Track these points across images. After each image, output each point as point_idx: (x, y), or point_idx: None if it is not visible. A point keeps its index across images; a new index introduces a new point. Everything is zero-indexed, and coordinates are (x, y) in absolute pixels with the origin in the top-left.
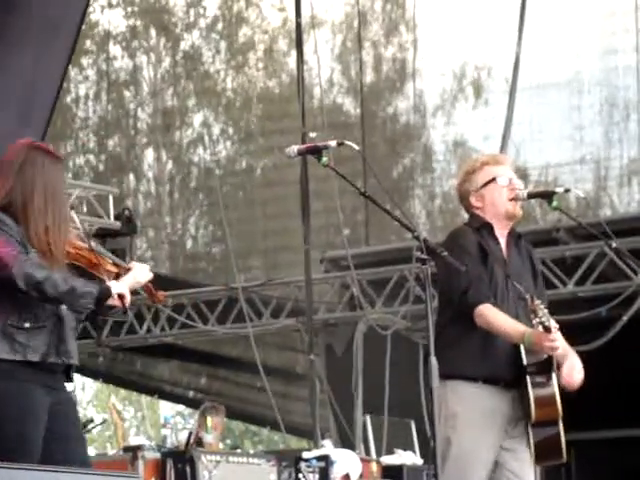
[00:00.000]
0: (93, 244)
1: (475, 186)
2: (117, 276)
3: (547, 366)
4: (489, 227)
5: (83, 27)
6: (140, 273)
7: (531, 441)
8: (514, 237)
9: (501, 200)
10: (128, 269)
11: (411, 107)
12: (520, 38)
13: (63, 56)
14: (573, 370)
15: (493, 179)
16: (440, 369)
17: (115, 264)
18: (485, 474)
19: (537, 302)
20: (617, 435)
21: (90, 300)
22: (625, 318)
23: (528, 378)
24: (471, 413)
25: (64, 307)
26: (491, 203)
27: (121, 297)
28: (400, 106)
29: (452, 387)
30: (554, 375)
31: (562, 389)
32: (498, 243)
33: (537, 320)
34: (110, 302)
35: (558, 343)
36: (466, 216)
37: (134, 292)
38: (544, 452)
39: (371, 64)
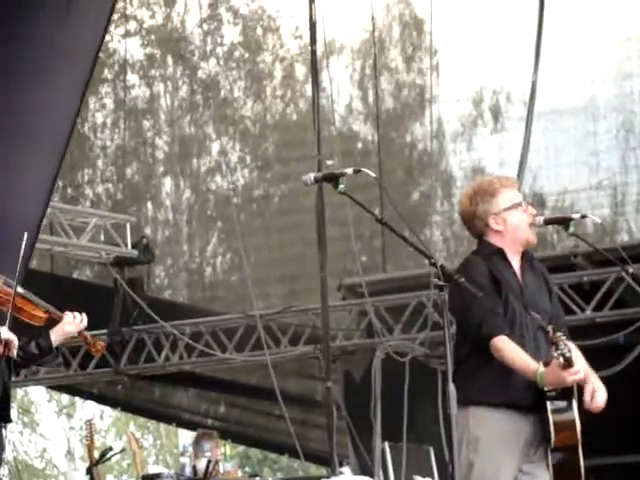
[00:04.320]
0: (21, 290)
1: (497, 208)
2: (47, 321)
3: (567, 391)
4: (501, 253)
5: (101, 55)
6: (69, 322)
7: (550, 466)
8: (528, 259)
9: (523, 226)
10: (60, 316)
11: (429, 133)
12: (537, 65)
13: (79, 86)
14: (596, 392)
15: (519, 203)
16: (461, 396)
17: (46, 311)
18: None
19: (558, 334)
20: (636, 460)
21: None
22: None
23: (548, 403)
24: (493, 437)
25: None
26: (514, 228)
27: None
28: (419, 132)
29: (474, 413)
30: (574, 401)
31: (584, 414)
32: (511, 267)
33: (558, 352)
34: None
35: (580, 375)
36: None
37: None
38: (563, 477)
39: (389, 90)
